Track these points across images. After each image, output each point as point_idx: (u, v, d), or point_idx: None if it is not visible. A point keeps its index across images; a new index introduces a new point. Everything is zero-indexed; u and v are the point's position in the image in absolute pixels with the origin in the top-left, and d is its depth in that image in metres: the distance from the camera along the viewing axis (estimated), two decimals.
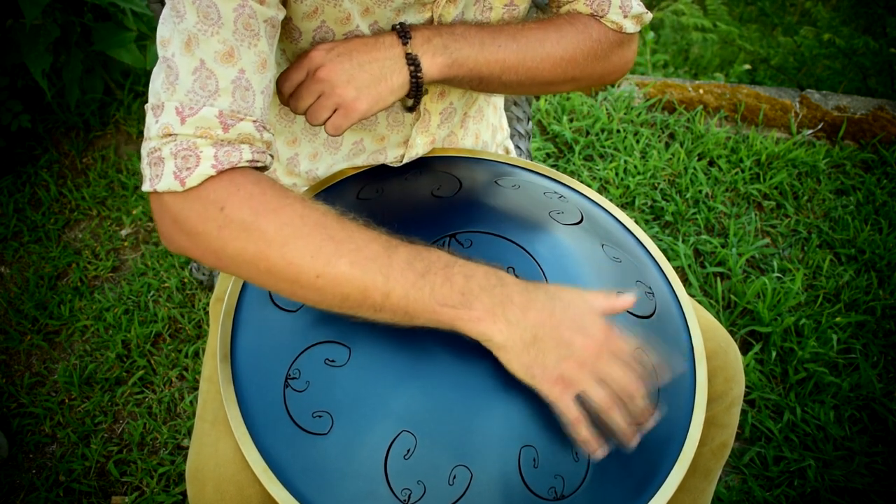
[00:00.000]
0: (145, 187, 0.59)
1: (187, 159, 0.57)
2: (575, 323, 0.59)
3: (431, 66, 0.69)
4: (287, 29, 0.71)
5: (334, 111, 0.69)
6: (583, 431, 0.58)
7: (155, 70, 0.60)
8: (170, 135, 0.57)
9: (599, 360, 0.59)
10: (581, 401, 0.59)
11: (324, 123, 0.70)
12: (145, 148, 0.59)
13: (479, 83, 0.74)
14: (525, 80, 0.75)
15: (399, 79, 0.69)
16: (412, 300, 0.57)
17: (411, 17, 0.72)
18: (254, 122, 0.60)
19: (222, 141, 0.58)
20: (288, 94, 0.71)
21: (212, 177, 0.57)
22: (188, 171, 0.56)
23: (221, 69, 0.58)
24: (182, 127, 0.57)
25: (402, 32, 0.69)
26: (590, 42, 0.77)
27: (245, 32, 0.59)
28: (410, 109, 0.79)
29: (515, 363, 0.59)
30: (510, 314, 0.58)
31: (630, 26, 0.79)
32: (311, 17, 0.68)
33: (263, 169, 0.63)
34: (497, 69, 0.73)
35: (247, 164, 0.59)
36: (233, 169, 0.58)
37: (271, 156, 0.64)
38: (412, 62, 0.69)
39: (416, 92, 0.70)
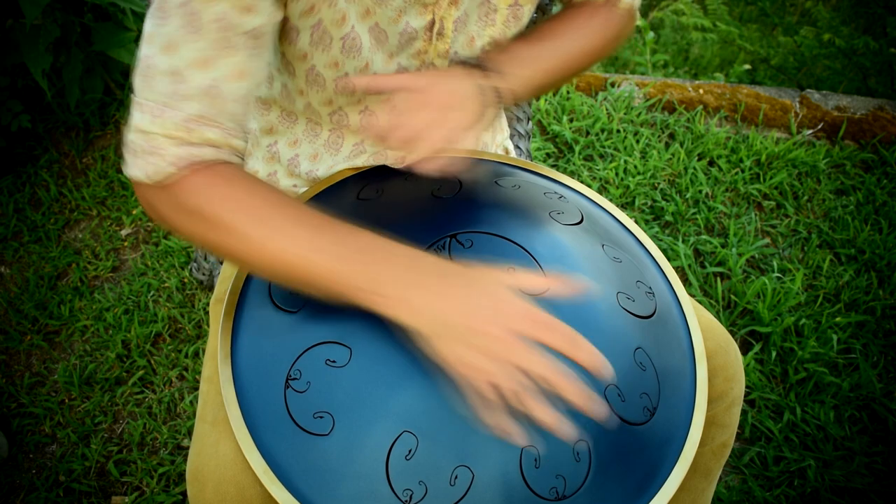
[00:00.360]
0: (123, 169, 0.65)
1: (152, 156, 0.62)
2: (489, 309, 0.57)
3: (508, 95, 0.76)
4: (285, 30, 0.71)
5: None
6: (494, 418, 0.57)
7: (137, 63, 0.63)
8: (141, 131, 0.62)
9: (514, 349, 0.56)
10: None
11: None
12: (126, 136, 0.64)
13: (536, 92, 0.81)
14: (567, 79, 0.85)
15: (486, 98, 0.74)
16: (333, 282, 0.60)
17: (412, 19, 0.72)
18: (221, 128, 0.63)
19: (186, 142, 0.62)
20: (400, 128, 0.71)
21: (172, 172, 0.62)
22: (153, 166, 0.62)
23: (195, 76, 0.61)
24: (152, 125, 0.61)
25: (485, 67, 0.75)
26: (613, 30, 0.86)
27: (223, 43, 0.61)
28: None
29: (428, 348, 0.58)
30: (422, 299, 0.58)
31: (637, 1, 0.88)
32: (308, 14, 0.68)
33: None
34: (553, 69, 0.80)
35: (209, 162, 0.64)
36: (193, 164, 0.63)
37: (242, 159, 0.67)
38: (496, 92, 0.75)
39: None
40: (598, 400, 0.57)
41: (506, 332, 0.56)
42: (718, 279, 1.60)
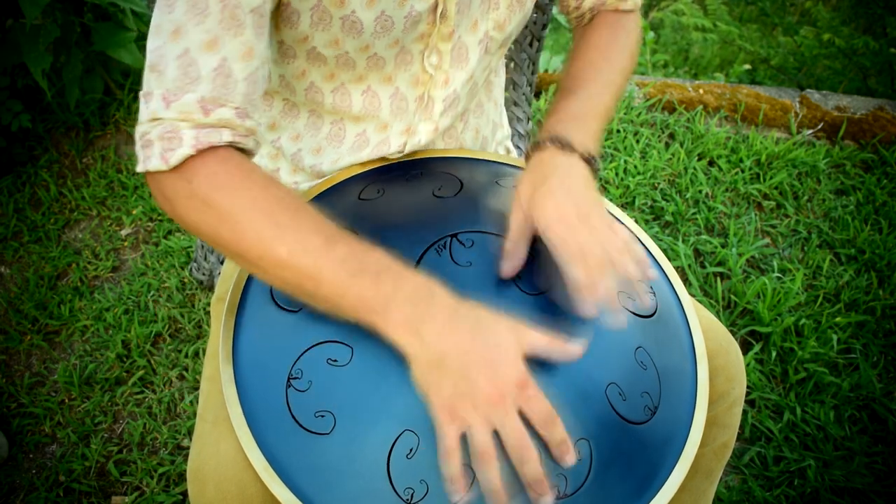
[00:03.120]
0: (139, 168, 0.64)
1: (171, 141, 0.61)
2: (487, 361, 0.56)
3: (593, 150, 0.75)
4: (286, 14, 0.71)
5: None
6: (450, 467, 0.55)
7: (146, 60, 0.63)
8: (156, 119, 0.62)
9: (497, 408, 0.55)
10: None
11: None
12: (138, 132, 0.64)
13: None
14: (617, 103, 0.88)
15: (591, 178, 0.73)
16: (339, 297, 0.59)
17: (417, 2, 0.72)
18: (234, 108, 0.63)
19: (202, 124, 0.62)
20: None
21: (191, 156, 0.61)
22: (171, 151, 0.61)
23: (204, 57, 0.61)
24: (167, 111, 0.61)
25: (563, 144, 0.73)
26: (634, 36, 0.89)
27: (230, 22, 0.61)
28: None
29: (417, 378, 0.58)
30: (426, 331, 0.57)
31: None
32: None
33: (249, 153, 0.67)
34: (605, 110, 0.81)
35: (227, 145, 0.63)
36: (212, 148, 0.62)
37: (257, 142, 0.67)
38: (592, 164, 0.74)
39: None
40: (548, 488, 0.56)
41: (494, 389, 0.55)
42: (718, 279, 1.60)
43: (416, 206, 0.78)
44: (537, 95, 2.09)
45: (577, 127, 0.75)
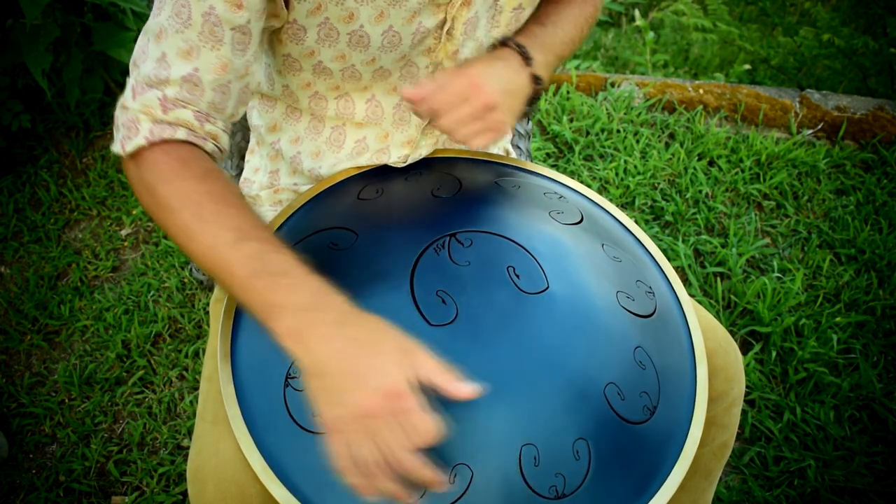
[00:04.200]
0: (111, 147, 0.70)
1: (130, 130, 0.66)
2: (364, 376, 0.55)
3: (543, 77, 0.80)
4: (292, 31, 0.71)
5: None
6: (347, 477, 0.56)
7: (133, 52, 0.68)
8: (123, 107, 0.67)
9: (371, 421, 0.54)
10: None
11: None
12: (114, 114, 0.69)
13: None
14: (572, 52, 0.89)
15: (527, 92, 0.79)
16: (242, 295, 0.61)
17: (426, 19, 0.72)
18: (195, 111, 0.67)
19: (159, 120, 0.66)
20: (442, 111, 0.74)
21: (144, 147, 0.66)
22: (129, 139, 0.66)
23: (178, 64, 0.65)
24: (133, 103, 0.66)
25: (525, 55, 0.78)
26: (593, 18, 0.91)
27: (209, 36, 0.64)
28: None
29: (306, 386, 0.58)
30: (309, 341, 0.57)
31: None
32: (315, 13, 0.69)
33: (212, 155, 0.70)
34: (561, 55, 0.85)
35: (182, 142, 0.67)
36: (164, 142, 0.66)
37: (219, 147, 0.70)
38: (537, 81, 0.79)
39: (533, 101, 0.81)
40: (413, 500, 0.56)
41: (368, 401, 0.55)
42: (718, 279, 1.60)
43: (415, 205, 0.78)
44: None
45: (540, 50, 0.80)
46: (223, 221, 0.63)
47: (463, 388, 0.56)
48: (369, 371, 0.55)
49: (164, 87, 0.65)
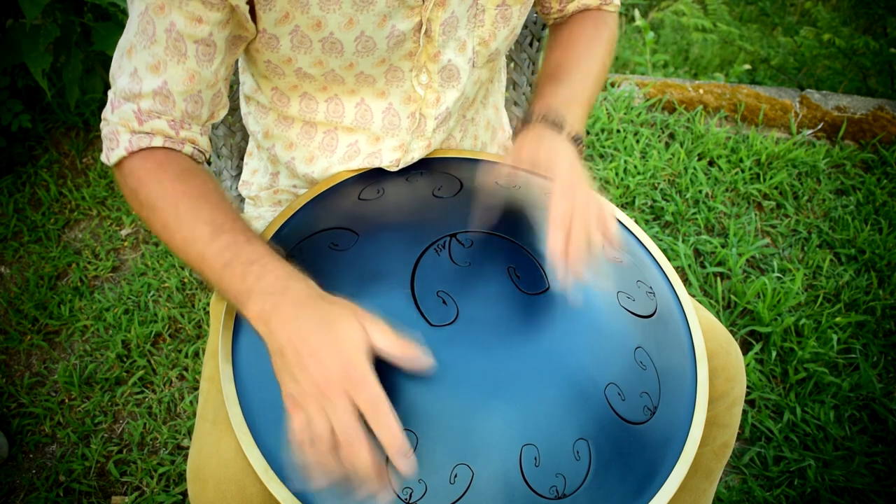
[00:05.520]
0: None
1: (111, 141, 0.71)
2: (321, 351, 0.56)
3: (581, 133, 0.80)
4: (265, 39, 0.71)
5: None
6: (300, 454, 0.56)
7: (111, 68, 0.72)
8: (105, 120, 0.72)
9: (326, 397, 0.55)
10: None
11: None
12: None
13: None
14: (601, 83, 0.89)
15: (578, 156, 0.78)
16: (217, 285, 0.65)
17: (399, 22, 0.72)
18: (170, 120, 0.70)
19: (136, 131, 0.70)
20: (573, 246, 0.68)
21: (125, 157, 0.71)
22: (112, 151, 0.71)
23: (149, 78, 0.68)
24: (112, 116, 0.71)
25: (556, 123, 0.77)
26: (614, 33, 0.92)
27: (174, 51, 0.67)
28: None
29: (273, 366, 0.60)
30: (273, 322, 0.59)
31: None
32: (284, 22, 0.69)
33: (192, 157, 0.74)
34: (589, 98, 0.85)
35: (160, 148, 0.71)
36: (145, 150, 0.71)
37: (199, 150, 0.74)
38: (577, 142, 0.78)
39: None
40: (384, 486, 0.56)
41: (322, 378, 0.55)
42: (718, 279, 1.60)
43: (415, 205, 0.78)
44: None
45: (566, 110, 0.79)
46: (199, 216, 0.66)
47: (417, 359, 0.59)
48: (324, 347, 0.57)
49: (139, 101, 0.69)
